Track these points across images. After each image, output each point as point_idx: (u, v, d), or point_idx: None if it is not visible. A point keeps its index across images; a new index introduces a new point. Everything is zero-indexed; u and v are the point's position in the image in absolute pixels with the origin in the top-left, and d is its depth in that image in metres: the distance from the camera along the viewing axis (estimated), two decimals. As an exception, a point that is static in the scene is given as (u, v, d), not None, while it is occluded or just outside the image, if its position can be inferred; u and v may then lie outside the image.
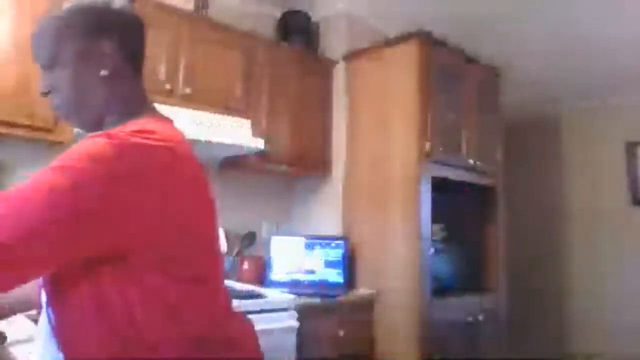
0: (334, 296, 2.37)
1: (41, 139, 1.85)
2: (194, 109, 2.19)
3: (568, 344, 4.13)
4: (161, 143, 0.71)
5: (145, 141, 0.69)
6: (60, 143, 1.89)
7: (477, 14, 2.90)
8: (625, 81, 3.79)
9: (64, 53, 0.79)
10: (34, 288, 0.92)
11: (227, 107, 2.36)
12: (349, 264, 2.56)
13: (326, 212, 2.87)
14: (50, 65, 0.81)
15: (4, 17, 1.76)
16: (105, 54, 0.81)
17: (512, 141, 3.79)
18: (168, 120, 0.86)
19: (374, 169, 2.64)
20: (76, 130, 1.87)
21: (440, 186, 2.52)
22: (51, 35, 0.80)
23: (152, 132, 0.71)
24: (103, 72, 0.80)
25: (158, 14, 2.15)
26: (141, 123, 0.76)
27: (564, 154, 4.41)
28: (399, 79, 2.59)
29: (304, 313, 2.15)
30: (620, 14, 2.82)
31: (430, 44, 2.57)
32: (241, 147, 2.28)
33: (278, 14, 2.96)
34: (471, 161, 2.74)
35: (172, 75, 2.19)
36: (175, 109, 2.08)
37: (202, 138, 2.10)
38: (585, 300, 4.10)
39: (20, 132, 1.78)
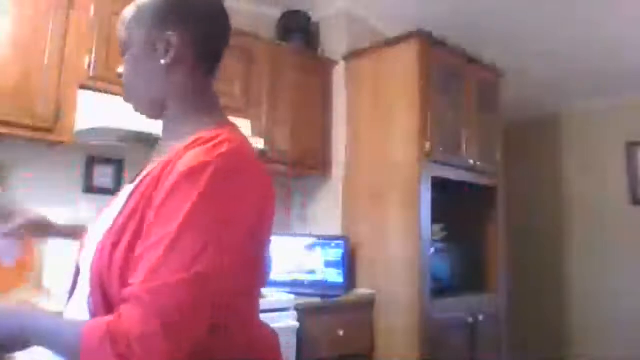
0: (334, 296, 2.37)
1: (41, 139, 1.85)
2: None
3: (568, 345, 4.13)
4: None
5: None
6: (60, 143, 1.89)
7: (478, 14, 2.89)
8: (625, 81, 3.78)
9: (132, 39, 0.81)
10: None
11: (226, 107, 2.33)
12: (349, 264, 2.55)
13: (326, 212, 2.87)
14: (123, 51, 0.83)
15: (4, 17, 1.76)
16: (171, 44, 0.78)
17: (512, 141, 3.79)
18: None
19: (374, 168, 2.64)
20: (76, 130, 1.87)
21: (440, 186, 2.52)
22: (124, 23, 0.82)
23: None
24: (163, 61, 0.79)
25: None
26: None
27: (564, 154, 4.41)
28: (399, 79, 2.58)
29: (304, 313, 2.16)
30: (620, 14, 2.82)
31: (430, 44, 2.57)
32: (241, 147, 2.28)
33: (278, 14, 2.96)
34: (471, 161, 2.74)
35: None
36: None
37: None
38: (585, 300, 4.10)
39: (20, 132, 1.78)
